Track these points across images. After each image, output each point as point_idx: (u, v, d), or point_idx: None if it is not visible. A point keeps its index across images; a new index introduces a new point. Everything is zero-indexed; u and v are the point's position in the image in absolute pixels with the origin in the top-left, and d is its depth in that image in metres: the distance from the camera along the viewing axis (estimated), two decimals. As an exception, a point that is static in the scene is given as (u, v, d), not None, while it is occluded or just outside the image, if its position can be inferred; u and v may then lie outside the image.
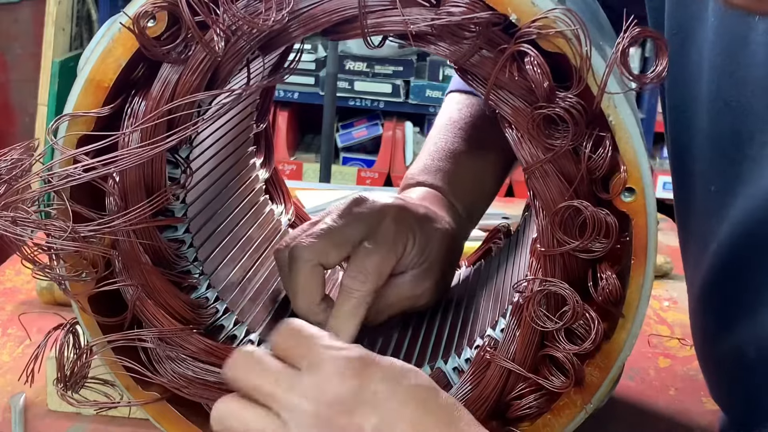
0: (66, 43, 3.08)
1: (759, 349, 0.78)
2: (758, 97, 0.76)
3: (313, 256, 0.80)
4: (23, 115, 3.06)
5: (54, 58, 2.97)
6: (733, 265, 0.81)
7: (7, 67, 3.06)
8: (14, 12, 3.06)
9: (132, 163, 0.66)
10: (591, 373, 0.70)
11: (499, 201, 1.76)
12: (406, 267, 0.84)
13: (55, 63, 2.97)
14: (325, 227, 0.81)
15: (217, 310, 0.75)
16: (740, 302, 0.80)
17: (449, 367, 0.75)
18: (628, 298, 0.68)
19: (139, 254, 0.69)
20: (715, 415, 0.95)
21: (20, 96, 3.05)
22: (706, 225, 0.82)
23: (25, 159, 0.66)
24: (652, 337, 1.09)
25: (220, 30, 0.64)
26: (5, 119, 3.03)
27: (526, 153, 0.66)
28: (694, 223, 0.84)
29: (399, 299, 0.83)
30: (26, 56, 3.08)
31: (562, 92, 0.63)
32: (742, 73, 0.77)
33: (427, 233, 0.85)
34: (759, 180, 0.75)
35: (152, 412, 0.74)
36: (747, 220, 0.77)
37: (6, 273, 1.22)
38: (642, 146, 0.64)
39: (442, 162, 0.97)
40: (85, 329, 0.72)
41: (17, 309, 1.12)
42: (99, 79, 0.67)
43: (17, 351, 1.02)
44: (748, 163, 0.77)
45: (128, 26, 0.65)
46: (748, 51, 0.76)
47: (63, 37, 3.06)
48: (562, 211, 0.65)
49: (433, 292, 0.86)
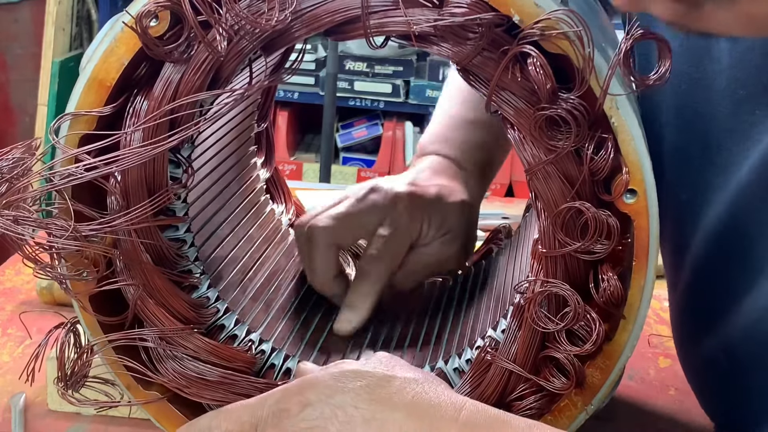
0: (66, 43, 3.08)
1: (729, 357, 0.78)
2: (722, 105, 0.75)
3: (330, 239, 0.87)
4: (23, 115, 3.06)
5: (54, 58, 2.97)
6: (706, 273, 0.81)
7: (7, 67, 3.06)
8: (14, 12, 3.06)
9: (134, 162, 0.66)
10: (592, 375, 0.70)
11: (499, 201, 1.76)
12: (427, 240, 0.91)
13: (55, 63, 2.97)
14: (343, 211, 0.89)
15: (218, 309, 0.75)
16: (712, 310, 0.80)
17: (450, 368, 0.75)
18: (629, 300, 0.68)
19: (141, 253, 0.69)
20: (715, 415, 0.95)
21: (20, 96, 3.05)
22: (680, 235, 0.83)
23: (26, 158, 0.66)
24: (652, 337, 1.09)
25: (223, 30, 0.64)
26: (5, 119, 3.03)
27: (528, 154, 0.66)
28: (669, 232, 0.84)
29: (424, 267, 0.92)
30: (26, 56, 3.08)
31: (564, 94, 0.63)
32: (707, 80, 0.77)
33: (442, 210, 0.91)
34: (726, 188, 0.75)
35: (153, 411, 0.74)
36: (718, 228, 0.77)
37: (6, 273, 1.22)
38: (644, 148, 0.64)
39: (452, 130, 1.03)
40: (86, 328, 0.72)
41: (17, 309, 1.12)
42: (101, 78, 0.67)
43: (17, 351, 1.02)
44: (715, 171, 0.77)
45: (131, 25, 0.65)
46: (712, 58, 0.76)
47: (63, 37, 3.06)
48: (563, 212, 0.65)
49: (458, 257, 0.93)
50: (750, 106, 0.73)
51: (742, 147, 0.73)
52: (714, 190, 0.77)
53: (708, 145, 0.77)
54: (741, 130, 0.74)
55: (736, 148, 0.74)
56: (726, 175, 0.75)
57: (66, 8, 3.08)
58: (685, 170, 0.80)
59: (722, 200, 0.76)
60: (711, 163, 0.77)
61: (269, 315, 0.81)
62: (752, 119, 0.73)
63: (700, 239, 0.79)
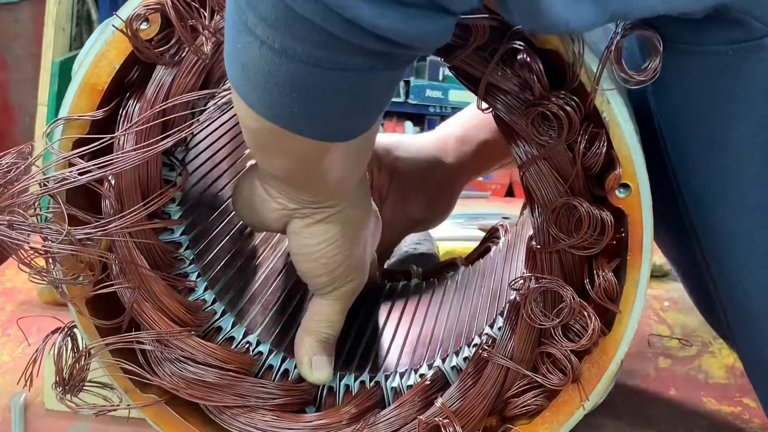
0: (66, 43, 3.07)
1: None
2: None
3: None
4: (23, 115, 3.06)
5: (54, 58, 2.97)
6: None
7: (7, 67, 3.05)
8: (14, 12, 3.05)
9: (127, 165, 0.66)
10: (589, 370, 0.70)
11: (500, 201, 1.76)
12: (382, 197, 0.96)
13: (55, 63, 2.96)
14: None
15: (216, 311, 0.75)
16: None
17: (447, 366, 0.75)
18: (624, 294, 0.68)
19: (136, 257, 0.69)
20: (715, 415, 0.95)
21: (20, 96, 3.04)
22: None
23: (20, 163, 0.66)
24: (652, 337, 1.09)
25: (209, 33, 0.64)
26: (5, 119, 3.03)
27: (521, 150, 0.66)
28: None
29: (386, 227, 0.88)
30: (26, 56, 3.08)
31: (555, 90, 0.63)
32: None
33: (390, 163, 0.97)
34: None
35: (151, 414, 0.74)
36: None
37: (6, 273, 1.22)
38: (636, 142, 0.64)
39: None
40: (83, 332, 0.72)
41: (17, 309, 1.12)
42: (93, 82, 0.67)
43: (17, 351, 1.02)
44: None
45: (121, 29, 0.65)
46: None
47: (63, 37, 3.06)
48: (557, 208, 0.65)
49: (424, 213, 1.00)
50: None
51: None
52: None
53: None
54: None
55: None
56: None
57: (66, 8, 3.07)
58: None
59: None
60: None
61: (267, 316, 0.81)
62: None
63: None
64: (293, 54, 0.52)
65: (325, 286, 0.74)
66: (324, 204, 0.71)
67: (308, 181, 0.69)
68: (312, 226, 0.71)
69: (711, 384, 1.01)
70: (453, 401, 0.72)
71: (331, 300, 0.75)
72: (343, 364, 0.80)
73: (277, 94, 0.55)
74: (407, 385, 0.76)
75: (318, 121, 0.58)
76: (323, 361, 0.76)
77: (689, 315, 1.17)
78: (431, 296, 0.93)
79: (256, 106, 0.58)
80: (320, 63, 0.53)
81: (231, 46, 0.56)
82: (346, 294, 0.76)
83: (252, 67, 0.55)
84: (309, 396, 0.77)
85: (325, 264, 0.73)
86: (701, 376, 1.02)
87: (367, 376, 0.78)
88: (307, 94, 0.55)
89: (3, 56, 3.05)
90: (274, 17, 0.51)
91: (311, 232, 0.72)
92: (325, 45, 0.52)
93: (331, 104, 0.56)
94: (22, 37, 3.10)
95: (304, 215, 0.71)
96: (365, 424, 0.73)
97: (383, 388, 0.77)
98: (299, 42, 0.52)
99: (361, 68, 0.54)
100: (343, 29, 0.50)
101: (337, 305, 0.76)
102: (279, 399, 0.74)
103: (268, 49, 0.53)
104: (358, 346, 0.84)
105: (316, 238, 0.72)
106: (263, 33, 0.52)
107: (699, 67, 0.65)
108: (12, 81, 3.06)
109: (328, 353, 0.77)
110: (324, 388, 0.78)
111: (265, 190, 0.72)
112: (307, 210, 0.71)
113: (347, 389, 0.78)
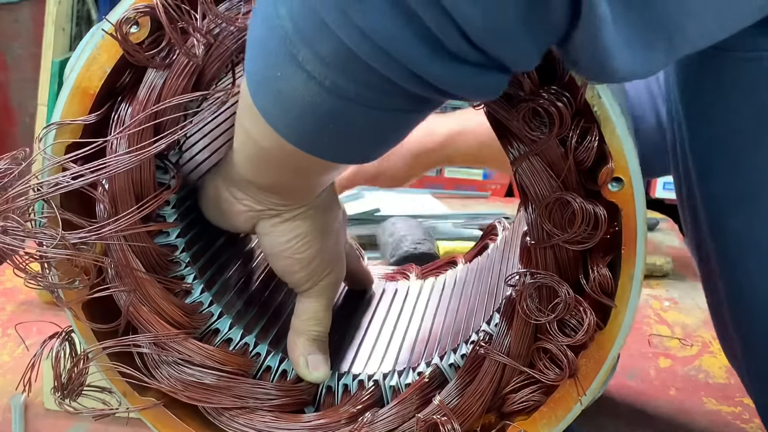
0: (66, 43, 3.07)
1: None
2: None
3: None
4: (23, 115, 3.06)
5: (54, 58, 2.97)
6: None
7: (7, 67, 3.06)
8: (14, 12, 3.05)
9: (120, 169, 0.66)
10: (585, 365, 0.70)
11: (500, 201, 1.76)
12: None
13: (55, 63, 2.96)
14: None
15: (213, 313, 0.75)
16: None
17: (445, 364, 0.75)
18: (619, 288, 0.68)
19: (131, 260, 0.69)
20: (715, 415, 0.95)
21: (20, 96, 3.04)
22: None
23: (14, 168, 0.66)
24: (652, 337, 1.09)
25: (200, 35, 0.64)
26: (5, 119, 3.03)
27: (513, 147, 0.66)
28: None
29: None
30: (26, 56, 3.08)
31: (546, 85, 0.63)
32: None
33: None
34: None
35: (150, 417, 0.74)
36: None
37: (6, 273, 1.22)
38: (628, 136, 0.64)
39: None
40: (80, 336, 0.72)
41: (17, 309, 1.13)
42: (85, 86, 0.67)
43: (17, 351, 1.03)
44: None
45: (111, 33, 0.65)
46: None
47: (63, 37, 3.06)
48: (551, 203, 0.65)
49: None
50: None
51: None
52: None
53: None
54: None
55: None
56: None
57: (66, 8, 3.07)
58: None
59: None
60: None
61: (265, 318, 0.81)
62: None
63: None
64: (343, 93, 0.52)
65: (304, 282, 0.75)
66: (293, 205, 0.71)
67: (295, 190, 0.70)
68: (280, 225, 0.72)
69: (711, 384, 1.01)
70: (451, 398, 0.72)
71: (314, 296, 0.76)
72: (341, 363, 0.80)
73: (312, 124, 0.56)
74: (406, 384, 0.76)
75: (343, 149, 0.59)
76: (319, 360, 0.76)
77: (689, 315, 1.17)
78: (429, 294, 0.93)
79: (283, 131, 0.58)
80: (367, 103, 0.53)
81: (269, 71, 0.55)
82: (327, 288, 0.76)
83: (291, 96, 0.54)
84: (308, 396, 0.77)
85: (300, 260, 0.74)
86: (701, 376, 1.02)
87: (366, 375, 0.78)
88: (344, 128, 0.56)
89: (3, 56, 3.05)
90: (333, 58, 0.51)
91: (281, 230, 0.72)
92: (378, 88, 0.52)
93: (363, 137, 0.57)
94: (22, 37, 3.10)
95: (272, 215, 0.72)
96: (364, 423, 0.73)
97: (382, 386, 0.77)
98: (353, 83, 0.52)
99: (404, 109, 0.55)
100: (403, 77, 0.50)
101: (320, 301, 0.76)
102: (277, 400, 0.75)
103: (316, 84, 0.53)
104: (357, 346, 0.84)
105: (286, 235, 0.73)
106: (315, 69, 0.52)
107: (747, 73, 0.66)
108: (12, 81, 3.06)
109: (323, 351, 0.77)
110: (322, 388, 0.78)
111: (230, 192, 0.73)
112: (274, 211, 0.72)
113: (346, 389, 0.78)
